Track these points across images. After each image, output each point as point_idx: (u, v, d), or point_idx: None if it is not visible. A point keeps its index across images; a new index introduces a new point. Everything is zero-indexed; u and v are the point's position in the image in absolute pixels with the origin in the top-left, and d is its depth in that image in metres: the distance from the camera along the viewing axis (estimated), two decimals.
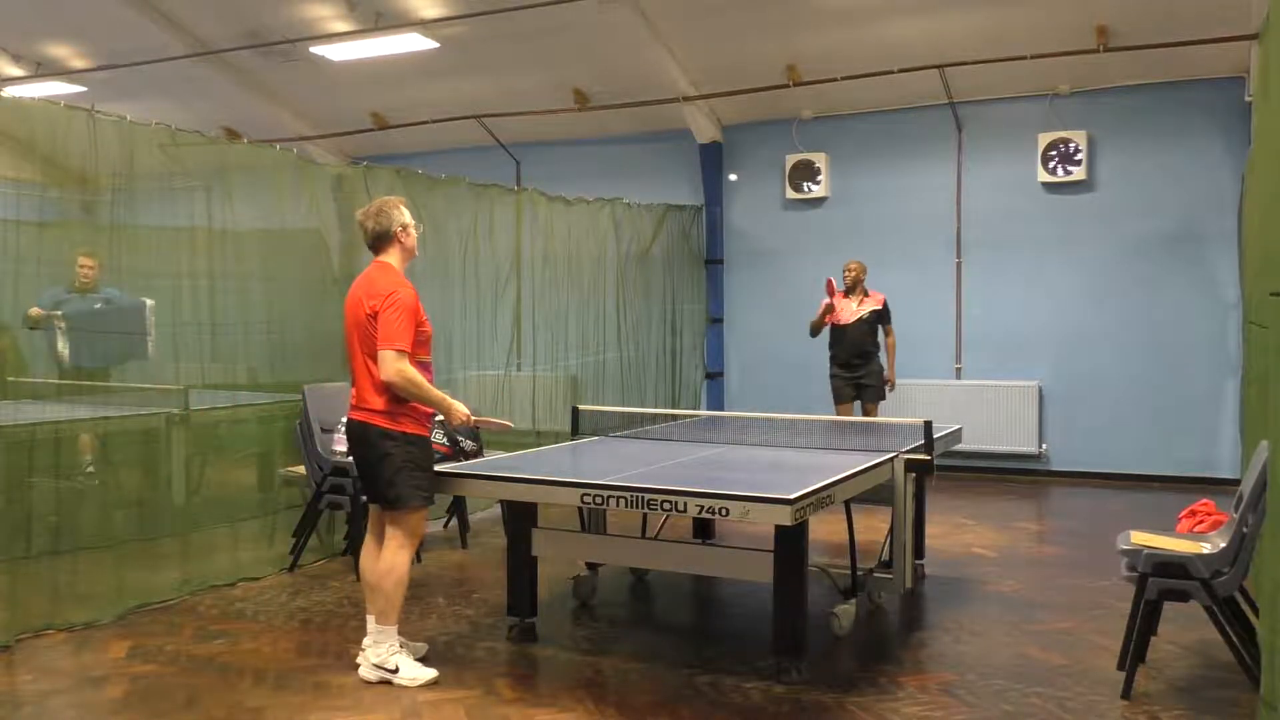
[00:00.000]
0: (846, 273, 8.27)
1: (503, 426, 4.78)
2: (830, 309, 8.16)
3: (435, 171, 7.90)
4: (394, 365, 4.19)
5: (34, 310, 6.22)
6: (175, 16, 10.35)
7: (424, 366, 4.39)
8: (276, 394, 6.64)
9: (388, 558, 4.35)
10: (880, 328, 8.26)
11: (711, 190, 10.69)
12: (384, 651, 4.34)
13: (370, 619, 4.41)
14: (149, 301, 6.42)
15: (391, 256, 4.43)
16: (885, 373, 8.28)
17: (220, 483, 6.69)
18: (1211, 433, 8.75)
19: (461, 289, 8.00)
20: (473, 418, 4.49)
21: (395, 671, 4.30)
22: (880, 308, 8.21)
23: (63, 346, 6.35)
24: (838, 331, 8.24)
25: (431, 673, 4.33)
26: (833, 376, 8.32)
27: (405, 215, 4.46)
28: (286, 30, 10.12)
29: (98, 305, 6.65)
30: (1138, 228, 9.05)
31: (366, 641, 4.44)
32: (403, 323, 4.20)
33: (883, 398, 8.26)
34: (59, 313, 6.33)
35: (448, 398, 4.41)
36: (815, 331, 8.34)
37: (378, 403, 4.29)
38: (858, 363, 8.18)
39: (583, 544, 5.28)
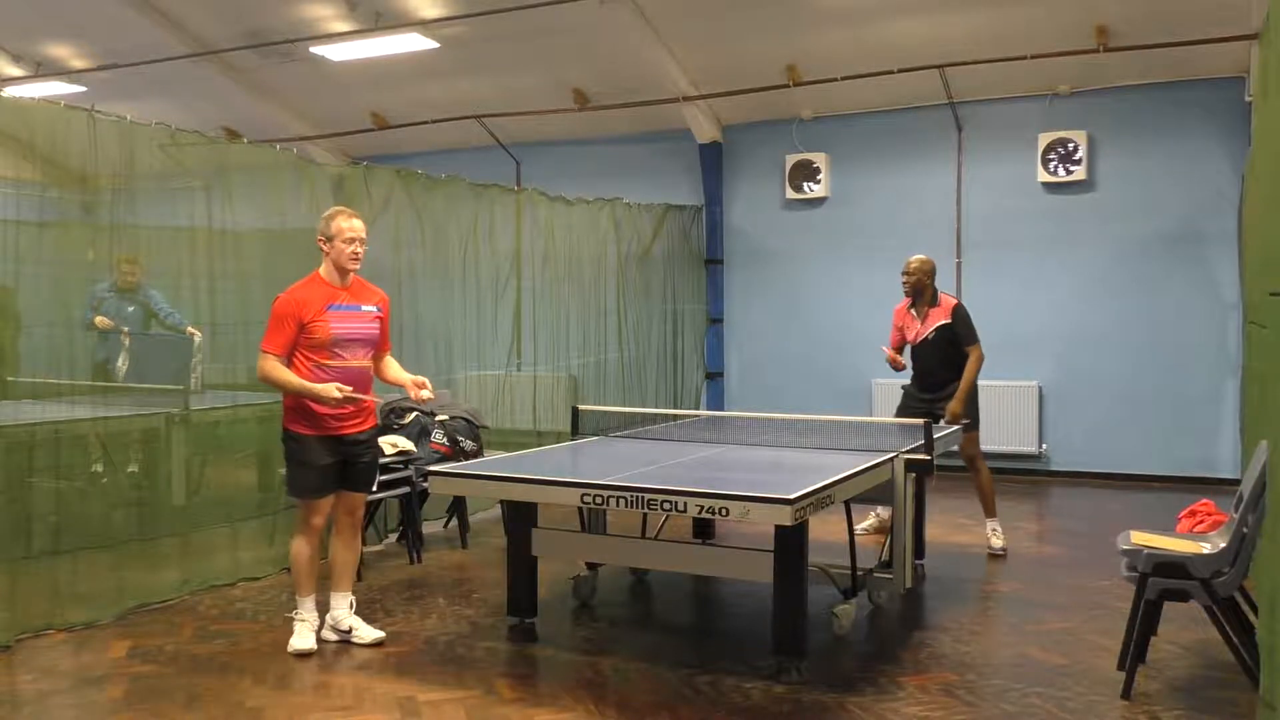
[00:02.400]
0: (905, 277, 6.68)
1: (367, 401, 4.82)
2: (897, 363, 6.82)
3: (435, 171, 7.90)
4: (258, 365, 4.61)
5: (101, 320, 6.29)
6: (175, 16, 10.36)
7: (318, 368, 4.60)
8: (276, 394, 6.61)
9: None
10: (963, 342, 6.59)
11: (711, 190, 10.69)
12: (295, 614, 4.80)
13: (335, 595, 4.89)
14: (197, 337, 6.46)
15: (321, 265, 4.72)
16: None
17: (220, 483, 6.68)
18: (1211, 433, 8.75)
19: (462, 289, 7.99)
20: (340, 394, 4.53)
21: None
22: (948, 321, 6.57)
23: (123, 361, 6.42)
24: (913, 350, 6.81)
25: (305, 645, 4.68)
26: (904, 390, 6.93)
27: (330, 228, 4.64)
28: (286, 30, 10.13)
29: (131, 309, 6.68)
30: (1138, 228, 9.05)
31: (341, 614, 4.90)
32: (272, 327, 4.57)
33: (971, 426, 6.53)
34: (125, 328, 6.39)
35: (310, 385, 4.54)
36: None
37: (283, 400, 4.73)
38: (933, 384, 6.67)
39: (583, 544, 5.28)
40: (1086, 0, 8.28)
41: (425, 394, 4.79)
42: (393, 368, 4.96)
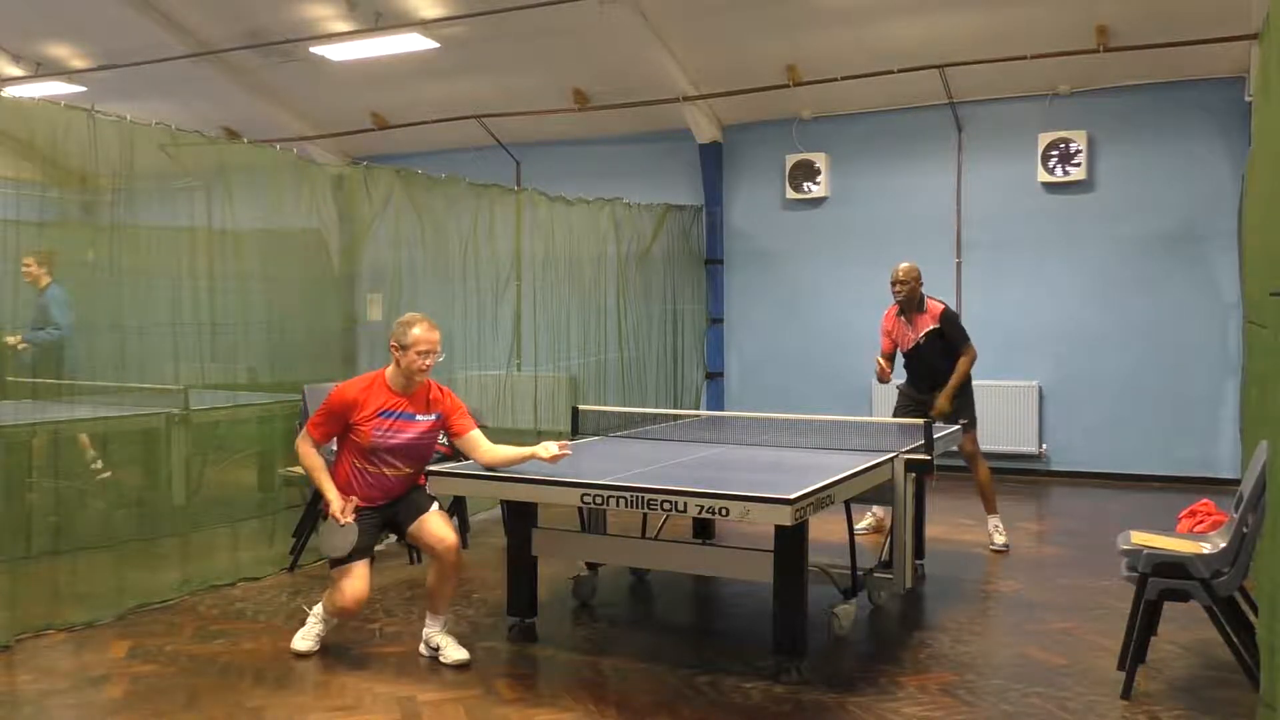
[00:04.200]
0: (897, 287, 6.71)
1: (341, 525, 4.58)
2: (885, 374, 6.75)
3: (435, 171, 7.90)
4: (298, 443, 4.65)
5: (8, 338, 6.24)
6: (175, 16, 10.35)
7: (357, 470, 4.60)
8: (276, 394, 6.64)
9: None
10: (956, 345, 6.68)
11: (711, 190, 10.69)
12: (310, 614, 4.79)
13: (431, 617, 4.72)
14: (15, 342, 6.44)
15: (389, 366, 4.66)
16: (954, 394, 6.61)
17: (220, 483, 6.69)
18: (1211, 433, 8.75)
19: (462, 289, 7.99)
20: (340, 515, 4.46)
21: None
22: (936, 326, 6.66)
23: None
24: (905, 355, 6.88)
25: (304, 647, 4.67)
26: (899, 390, 7.00)
27: (407, 337, 4.53)
28: (286, 30, 10.12)
29: (34, 313, 6.63)
30: (1138, 228, 9.05)
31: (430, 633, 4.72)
32: (321, 412, 4.61)
33: (970, 425, 6.58)
34: (17, 335, 6.36)
35: (329, 490, 4.54)
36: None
37: None
38: (929, 385, 6.75)
39: (583, 544, 5.28)
40: (1086, 0, 8.28)
41: (557, 450, 4.60)
42: (494, 449, 4.69)
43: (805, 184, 10.26)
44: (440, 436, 6.41)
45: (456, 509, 6.97)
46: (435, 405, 4.71)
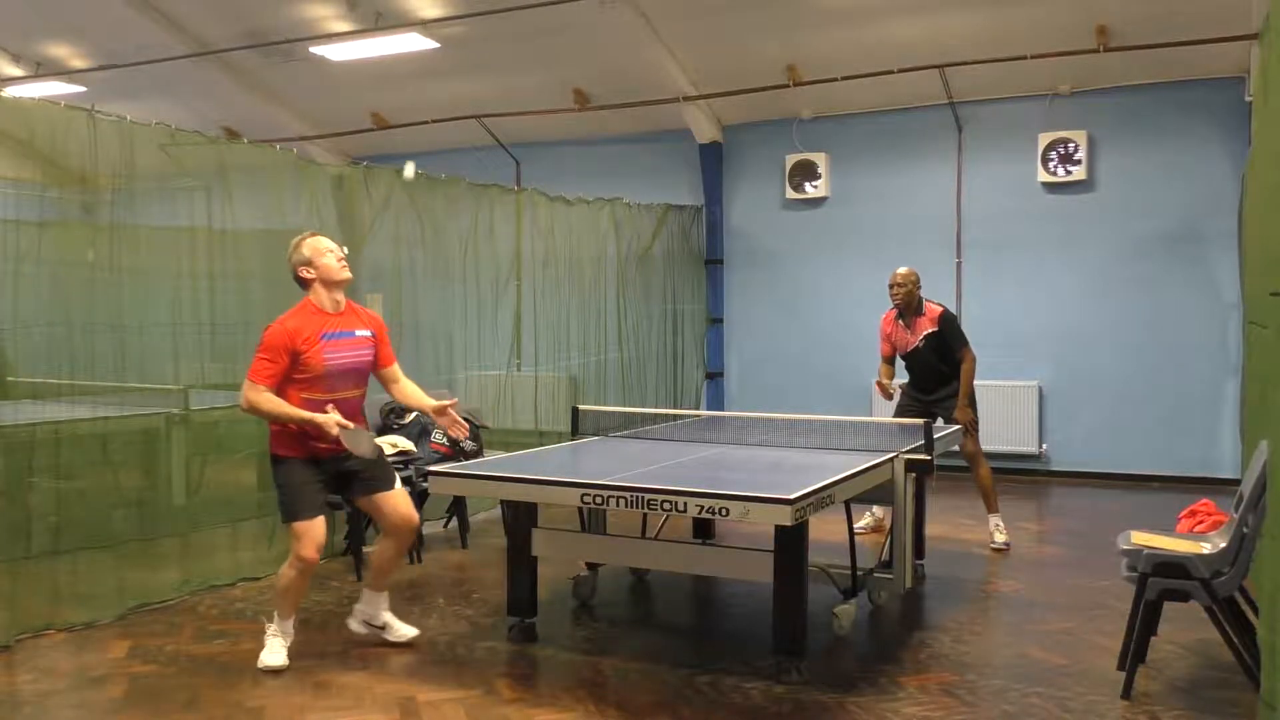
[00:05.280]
0: (895, 289, 6.77)
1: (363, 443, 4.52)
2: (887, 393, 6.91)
3: (435, 171, 7.90)
4: (244, 395, 4.37)
5: None
6: (175, 16, 10.36)
7: (309, 403, 4.37)
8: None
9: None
10: (954, 349, 6.72)
11: (711, 190, 10.70)
12: (268, 632, 4.58)
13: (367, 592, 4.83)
14: None
15: (311, 294, 4.54)
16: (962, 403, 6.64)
17: (220, 483, 6.68)
18: (1211, 433, 8.75)
19: (462, 289, 7.99)
20: (337, 428, 4.34)
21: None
22: (935, 329, 6.70)
23: None
24: (905, 358, 6.91)
25: (276, 662, 4.48)
26: (902, 390, 6.96)
27: (303, 252, 4.49)
28: (286, 30, 10.13)
29: None
30: (1138, 228, 9.05)
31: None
32: (260, 358, 4.35)
33: (972, 428, 6.65)
34: None
35: (309, 414, 4.33)
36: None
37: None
38: (930, 387, 6.82)
39: (583, 544, 5.28)
40: (1086, 0, 8.28)
41: (457, 429, 4.57)
42: (410, 389, 4.74)
43: (805, 184, 10.26)
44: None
45: (457, 509, 6.98)
46: (369, 323, 4.62)
